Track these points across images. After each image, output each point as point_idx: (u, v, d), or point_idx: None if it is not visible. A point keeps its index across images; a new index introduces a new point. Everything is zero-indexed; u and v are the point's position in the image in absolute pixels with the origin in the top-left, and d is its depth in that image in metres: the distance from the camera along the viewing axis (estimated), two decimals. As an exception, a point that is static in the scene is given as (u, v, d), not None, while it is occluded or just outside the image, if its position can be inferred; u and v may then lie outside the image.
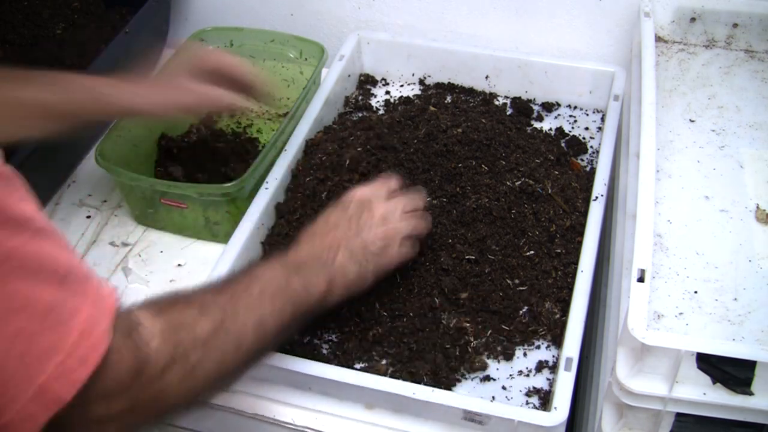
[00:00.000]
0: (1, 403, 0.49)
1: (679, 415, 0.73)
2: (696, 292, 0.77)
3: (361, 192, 0.82)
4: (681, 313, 0.75)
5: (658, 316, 0.74)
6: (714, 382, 0.70)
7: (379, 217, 0.79)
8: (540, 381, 0.82)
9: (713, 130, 0.94)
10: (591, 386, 0.96)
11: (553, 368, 0.83)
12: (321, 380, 0.79)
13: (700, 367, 0.70)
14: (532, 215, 0.93)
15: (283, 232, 0.97)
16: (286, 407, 0.82)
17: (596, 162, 1.00)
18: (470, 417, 0.76)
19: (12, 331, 0.49)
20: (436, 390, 0.76)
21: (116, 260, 1.01)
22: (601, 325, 0.95)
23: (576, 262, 0.88)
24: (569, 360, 0.78)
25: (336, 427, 0.81)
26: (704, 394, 0.70)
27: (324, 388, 0.81)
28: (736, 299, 0.76)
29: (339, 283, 0.75)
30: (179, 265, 1.00)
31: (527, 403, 0.81)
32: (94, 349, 0.53)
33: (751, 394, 0.69)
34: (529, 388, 0.82)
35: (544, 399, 0.81)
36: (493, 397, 0.81)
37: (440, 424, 0.79)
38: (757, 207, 0.84)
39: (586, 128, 1.11)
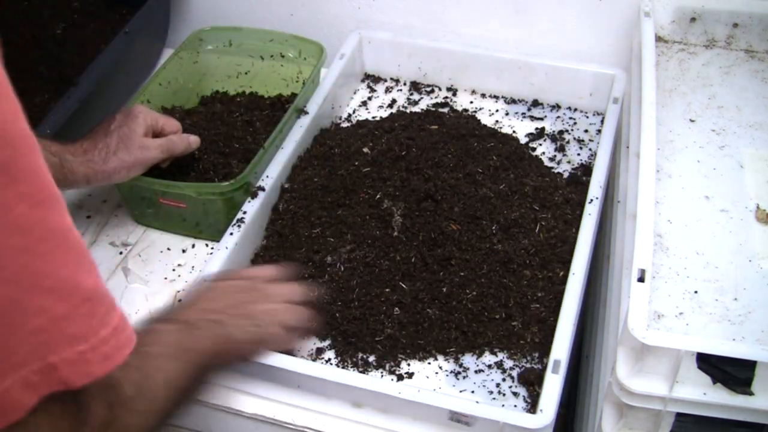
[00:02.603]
0: (1, 369, 0.49)
1: (679, 415, 0.73)
2: (696, 292, 0.77)
3: (253, 270, 0.82)
4: (681, 313, 0.75)
5: (659, 316, 0.74)
6: (714, 382, 0.70)
7: (264, 295, 0.78)
8: (531, 382, 0.82)
9: (713, 130, 0.94)
10: (591, 386, 0.96)
11: (543, 370, 0.83)
12: (308, 378, 0.79)
13: (700, 367, 0.70)
14: (530, 222, 0.93)
15: (277, 232, 0.97)
16: (278, 405, 0.82)
17: (594, 164, 1.00)
18: (456, 418, 0.76)
19: (35, 306, 0.49)
20: (422, 390, 0.77)
21: (116, 260, 1.01)
22: (601, 325, 0.95)
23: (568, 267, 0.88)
24: (557, 362, 0.78)
25: (324, 426, 0.81)
26: (704, 394, 0.70)
27: (311, 386, 0.81)
28: (736, 299, 0.76)
29: (226, 347, 0.71)
30: (179, 265, 1.00)
31: (516, 404, 0.81)
32: (120, 350, 0.53)
33: (751, 394, 0.69)
34: (519, 388, 0.82)
35: (534, 400, 0.81)
36: (489, 389, 0.82)
37: (427, 423, 0.79)
38: (757, 207, 0.84)
39: (585, 131, 1.11)
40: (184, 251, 1.02)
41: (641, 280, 0.74)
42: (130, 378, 0.57)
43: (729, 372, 0.69)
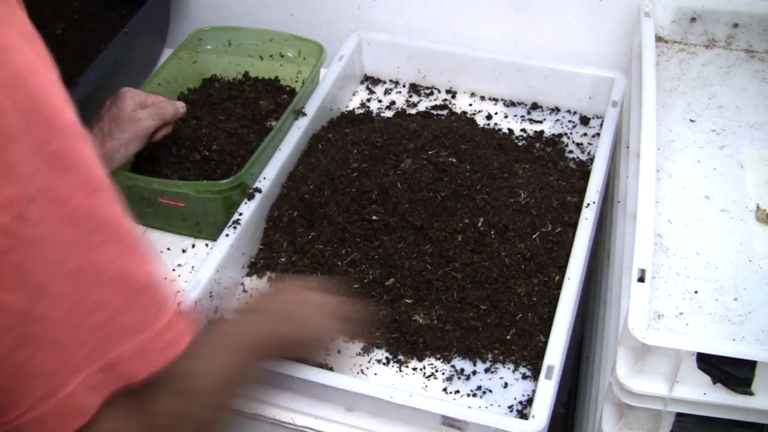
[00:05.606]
0: (63, 374, 0.48)
1: (679, 415, 0.73)
2: (696, 292, 0.76)
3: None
4: (681, 313, 0.75)
5: (659, 316, 0.74)
6: (714, 382, 0.70)
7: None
8: (525, 387, 0.82)
9: (713, 130, 0.94)
10: (591, 386, 0.96)
11: (537, 375, 0.83)
12: (301, 381, 0.79)
13: (700, 367, 0.70)
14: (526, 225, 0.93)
15: (273, 234, 0.97)
16: (271, 407, 0.82)
17: (591, 168, 0.99)
18: (449, 422, 0.76)
19: (93, 302, 0.48)
20: (414, 394, 0.76)
21: (115, 260, 1.01)
22: (601, 325, 0.95)
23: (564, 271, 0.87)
24: (550, 368, 0.78)
25: (317, 428, 0.81)
26: (704, 394, 0.70)
27: (304, 389, 0.81)
28: (736, 299, 0.76)
29: (279, 338, 0.68)
30: (179, 264, 1.00)
31: (510, 409, 0.81)
32: (178, 341, 0.52)
33: (751, 394, 0.69)
34: (513, 394, 0.82)
35: (528, 406, 0.80)
36: (483, 393, 0.81)
37: (420, 428, 0.79)
38: (757, 207, 0.84)
39: (584, 134, 1.11)
40: (184, 251, 1.01)
41: (641, 280, 0.74)
42: (196, 369, 0.55)
43: (729, 372, 0.69)
